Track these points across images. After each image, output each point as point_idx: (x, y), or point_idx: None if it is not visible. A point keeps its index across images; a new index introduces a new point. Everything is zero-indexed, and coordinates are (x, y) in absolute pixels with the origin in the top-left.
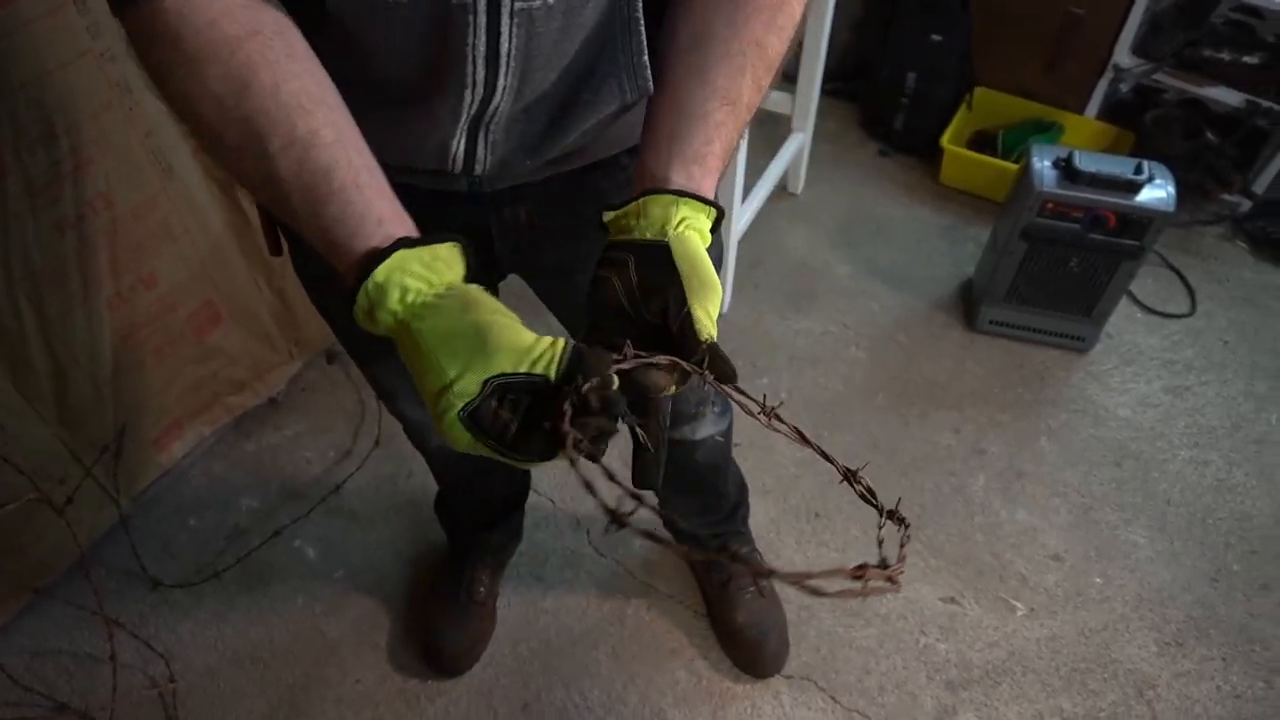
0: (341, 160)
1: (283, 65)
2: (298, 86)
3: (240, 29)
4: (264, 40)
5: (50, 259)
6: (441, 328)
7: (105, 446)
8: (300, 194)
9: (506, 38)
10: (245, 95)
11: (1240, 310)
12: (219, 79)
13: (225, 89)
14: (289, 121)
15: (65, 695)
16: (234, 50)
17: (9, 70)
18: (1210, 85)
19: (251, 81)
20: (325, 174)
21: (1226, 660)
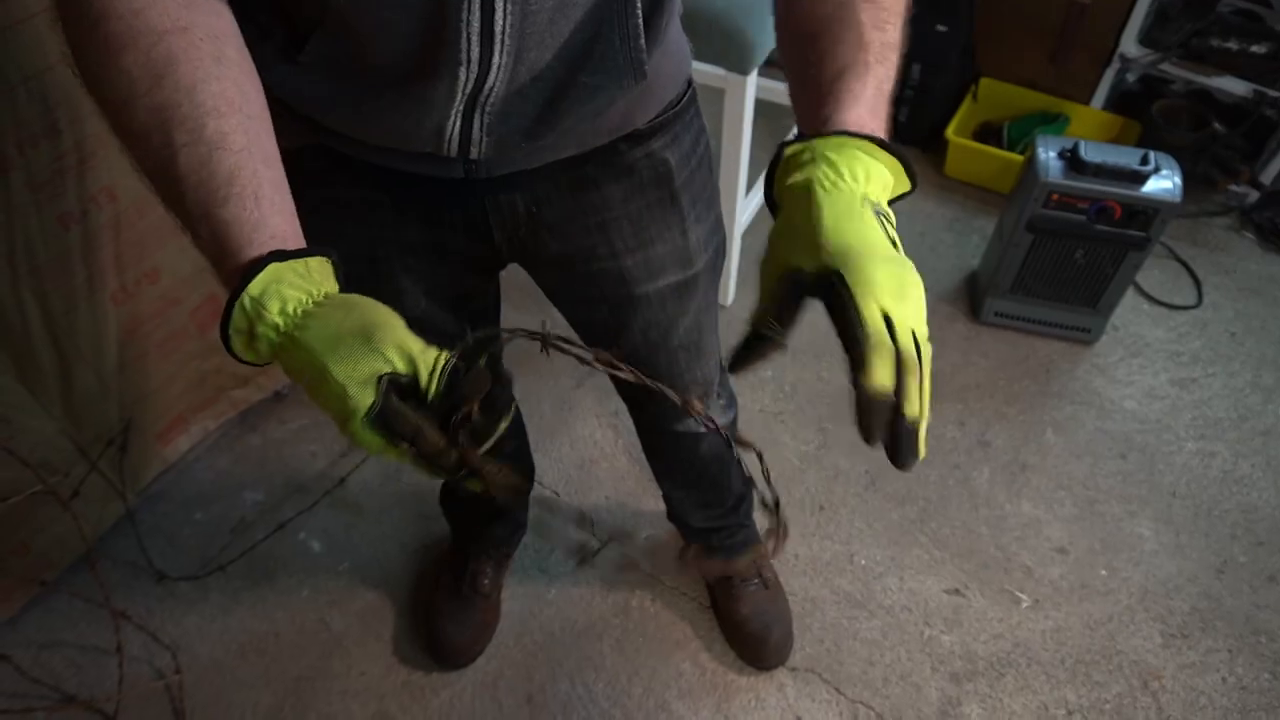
0: (246, 168)
1: (205, 66)
2: (217, 89)
3: (168, 23)
4: (190, 38)
5: (54, 253)
6: (327, 331)
7: (110, 440)
8: (195, 193)
9: (501, 14)
10: (159, 86)
11: (1247, 302)
12: (136, 65)
13: (140, 75)
14: (199, 119)
15: (72, 687)
16: (156, 42)
17: (11, 64)
18: (1218, 75)
19: (168, 74)
20: (226, 178)
21: (1232, 652)
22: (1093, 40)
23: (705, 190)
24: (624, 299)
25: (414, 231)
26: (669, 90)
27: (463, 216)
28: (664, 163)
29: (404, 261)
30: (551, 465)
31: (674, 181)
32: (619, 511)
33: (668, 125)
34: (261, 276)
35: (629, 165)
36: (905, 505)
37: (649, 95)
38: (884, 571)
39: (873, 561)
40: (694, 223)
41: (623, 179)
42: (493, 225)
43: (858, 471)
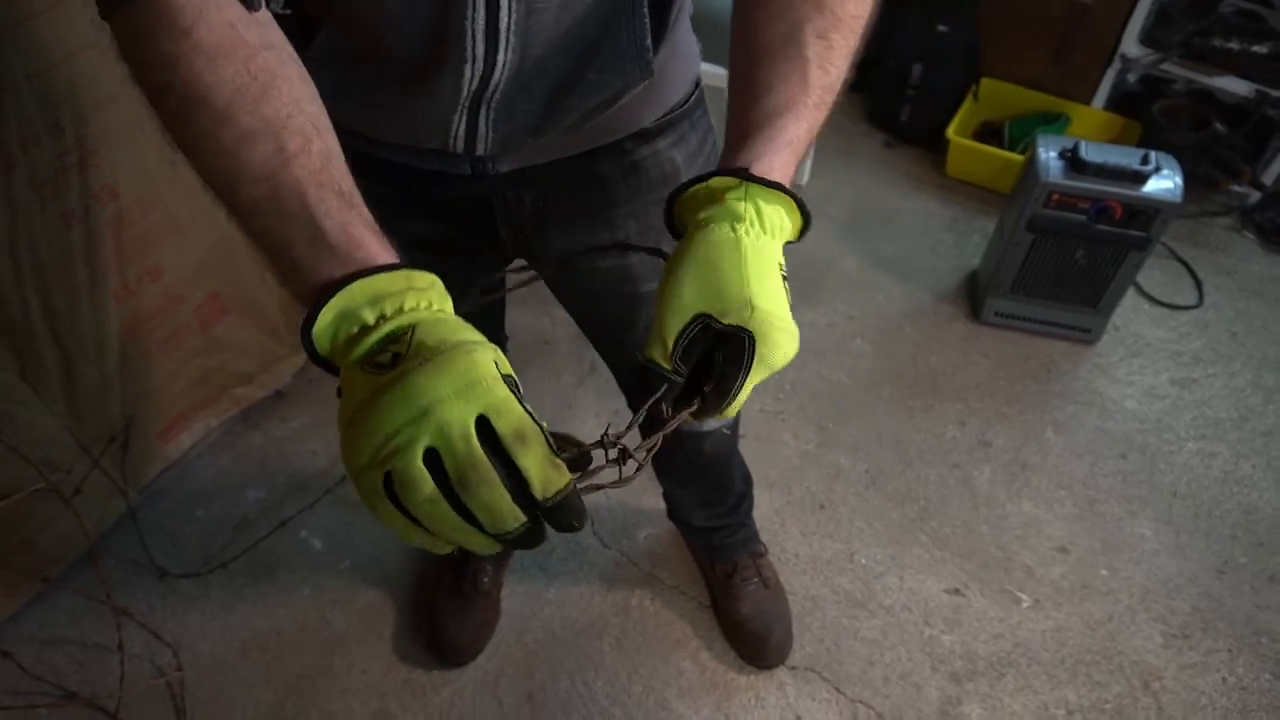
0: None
1: (297, 86)
2: (315, 109)
3: (258, 40)
4: (279, 57)
5: (57, 250)
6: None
7: (113, 437)
8: (319, 193)
9: (506, 12)
10: (266, 97)
11: (1249, 302)
12: (239, 75)
13: (245, 85)
14: (307, 133)
15: (74, 684)
16: (253, 55)
17: (15, 62)
18: (1219, 75)
19: (272, 87)
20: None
21: (1233, 652)
22: (1094, 40)
23: None
24: (629, 296)
25: (420, 226)
26: (677, 90)
27: (469, 212)
28: (671, 161)
29: (409, 255)
30: None
31: (680, 181)
32: (619, 510)
33: (675, 124)
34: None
35: (636, 163)
36: (906, 504)
37: (657, 94)
38: (884, 571)
39: (873, 561)
40: None
41: (629, 177)
42: (499, 221)
43: (858, 470)
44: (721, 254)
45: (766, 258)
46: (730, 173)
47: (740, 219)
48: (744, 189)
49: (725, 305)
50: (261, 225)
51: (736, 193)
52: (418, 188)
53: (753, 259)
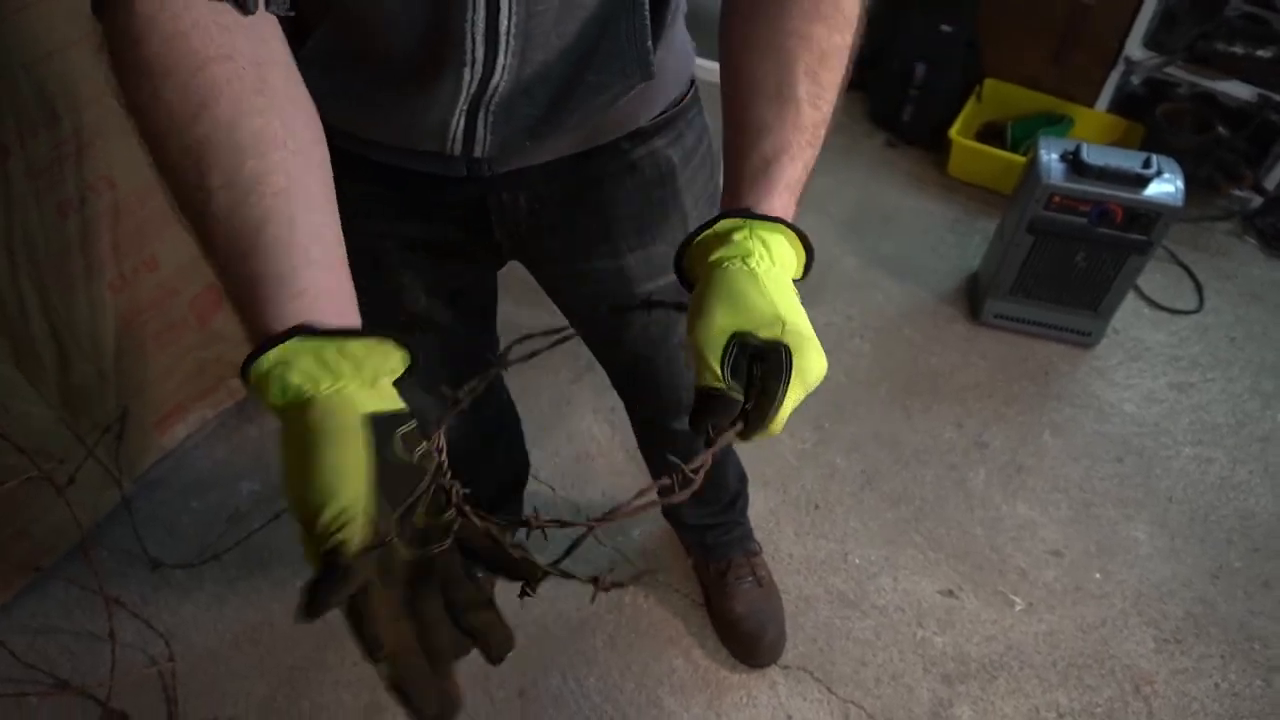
0: (281, 214)
1: (247, 99)
2: (259, 124)
3: (212, 49)
4: (234, 67)
5: (53, 241)
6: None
7: (107, 427)
8: (226, 239)
9: (505, 15)
10: (197, 120)
11: (1249, 307)
12: (175, 95)
13: (179, 107)
14: (236, 160)
15: (66, 673)
16: (198, 69)
17: (11, 52)
18: (1223, 79)
19: (209, 106)
20: (257, 226)
21: (1225, 658)
22: (1097, 42)
23: (708, 189)
24: (625, 298)
25: (415, 227)
26: (673, 88)
27: (464, 213)
28: (667, 161)
29: (404, 257)
30: (548, 460)
31: (677, 180)
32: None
33: (671, 123)
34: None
35: (632, 163)
36: (900, 505)
37: (653, 93)
38: (878, 571)
39: (867, 561)
40: (696, 220)
41: (625, 177)
42: (494, 222)
43: (854, 470)
44: (742, 284)
45: (783, 284)
46: (734, 214)
47: (750, 254)
48: (749, 227)
49: (757, 322)
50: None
51: (743, 232)
52: (413, 190)
53: (771, 285)
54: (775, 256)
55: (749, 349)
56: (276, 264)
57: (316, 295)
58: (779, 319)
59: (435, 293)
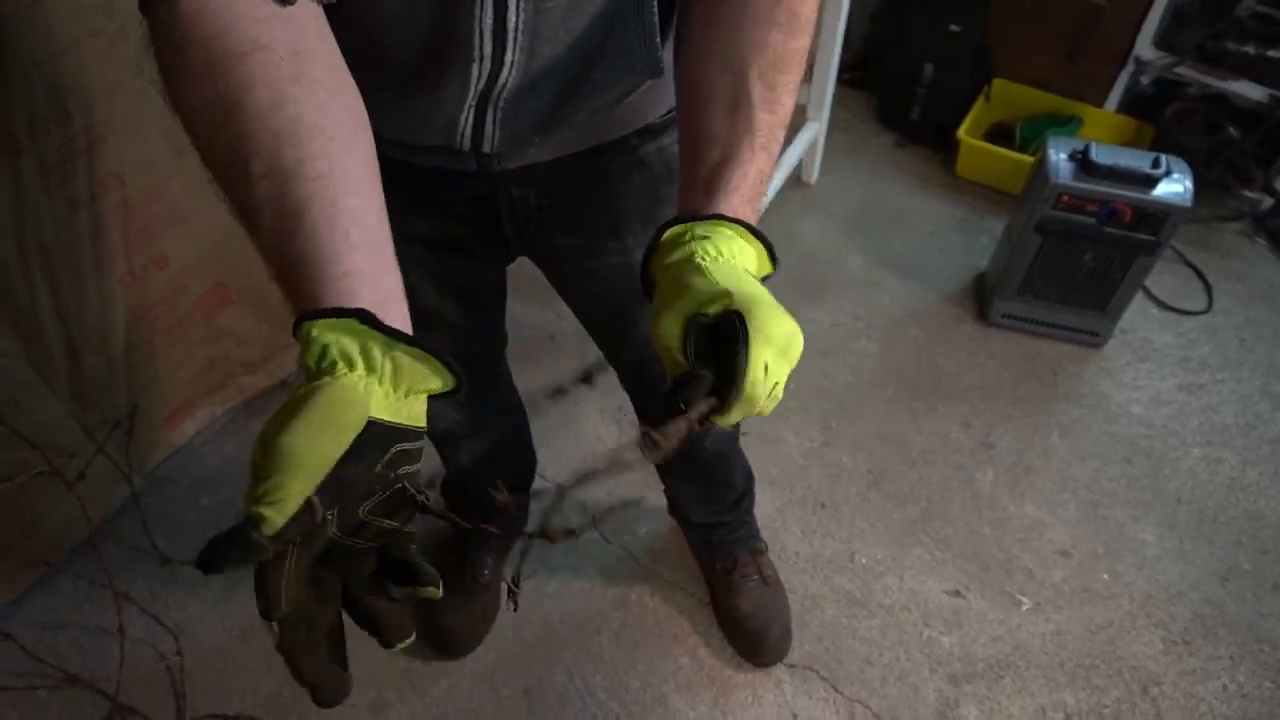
0: (324, 197)
1: (284, 89)
2: (295, 112)
3: (247, 44)
4: (270, 58)
5: (64, 237)
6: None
7: (117, 423)
8: (271, 224)
9: (513, 11)
10: (235, 114)
11: (1258, 308)
12: (213, 93)
13: (217, 103)
14: (274, 148)
15: (75, 667)
16: (234, 65)
17: (23, 49)
18: (1234, 79)
19: (245, 100)
20: (300, 209)
21: (1234, 659)
22: (1107, 42)
23: None
24: (633, 294)
25: (424, 224)
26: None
27: (473, 209)
28: (675, 157)
29: (412, 253)
30: (554, 458)
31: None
32: (620, 506)
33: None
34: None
35: (641, 159)
36: (907, 505)
37: (662, 90)
38: (884, 571)
39: (873, 560)
40: None
41: (634, 173)
42: (503, 217)
43: (860, 470)
44: (687, 276)
45: (732, 269)
46: (677, 221)
47: (694, 253)
48: (689, 230)
49: (703, 301)
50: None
51: (684, 235)
52: (423, 186)
53: (715, 270)
54: (722, 249)
55: (703, 328)
56: (320, 245)
57: (361, 277)
58: (724, 292)
59: (444, 289)
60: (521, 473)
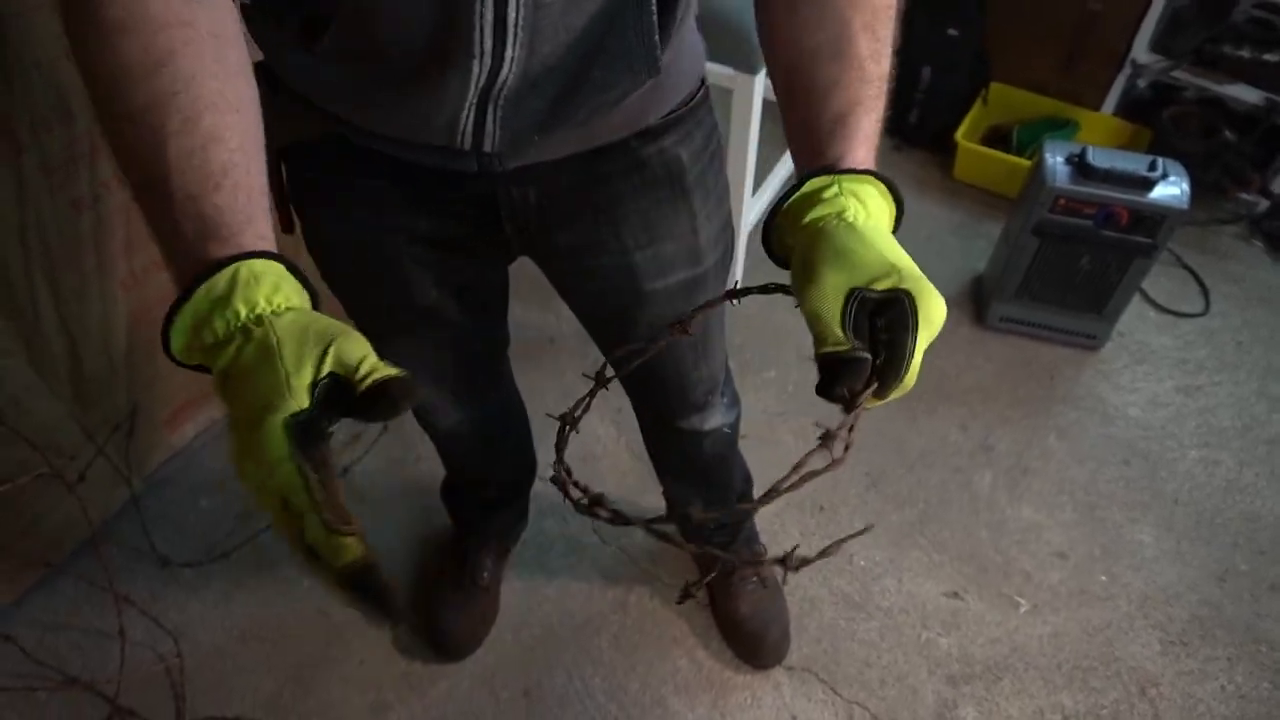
0: (240, 166)
1: (206, 64)
2: (216, 86)
3: (170, 16)
4: (194, 33)
5: (66, 237)
6: (300, 321)
7: (118, 424)
8: (182, 178)
9: (513, 7)
10: (157, 73)
11: (1255, 310)
12: (135, 51)
13: (139, 60)
14: (195, 109)
15: (75, 669)
16: (159, 30)
17: (26, 50)
18: (1230, 83)
19: (168, 63)
20: (221, 169)
21: (1232, 660)
22: (1104, 46)
23: (716, 188)
24: (632, 294)
25: (425, 223)
26: (683, 88)
27: (474, 209)
28: (676, 159)
29: (413, 252)
30: (553, 460)
31: (686, 178)
32: (622, 507)
33: (681, 122)
34: (263, 264)
35: (641, 161)
36: (905, 507)
37: (663, 92)
38: (883, 573)
39: (872, 563)
40: (705, 220)
41: (634, 174)
42: (504, 218)
43: (859, 473)
44: (845, 240)
45: (885, 233)
46: (820, 172)
47: (845, 209)
48: (837, 183)
49: (871, 275)
50: (144, 208)
51: (832, 189)
52: (423, 185)
53: (873, 235)
54: (870, 208)
55: (869, 304)
56: (242, 204)
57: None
58: (893, 267)
59: (444, 288)
60: (522, 473)
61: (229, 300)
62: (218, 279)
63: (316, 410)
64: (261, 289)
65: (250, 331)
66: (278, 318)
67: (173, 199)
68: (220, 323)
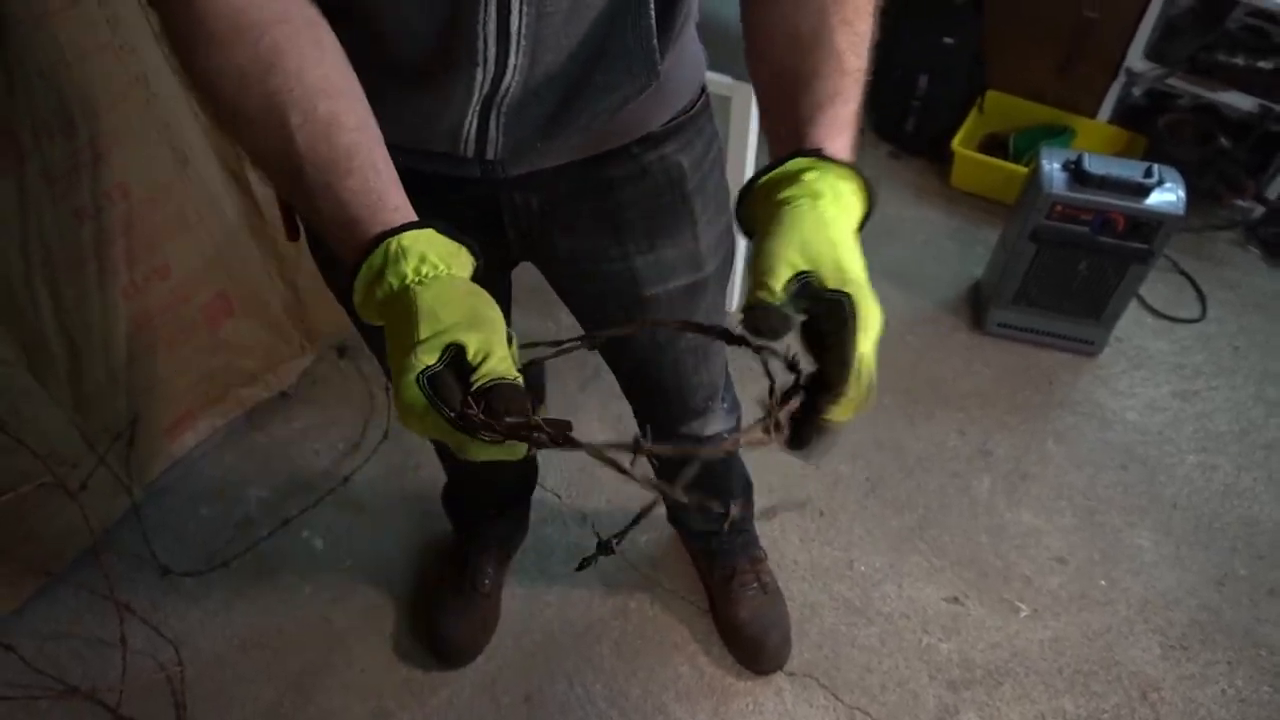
0: (363, 145)
1: (308, 53)
2: (322, 74)
3: (268, 15)
4: (292, 28)
5: (68, 247)
6: (441, 296)
7: (119, 434)
8: (315, 169)
9: (516, 15)
10: (269, 74)
11: (1251, 316)
12: (246, 58)
13: (250, 68)
14: (311, 101)
15: (76, 679)
16: (261, 34)
17: (29, 60)
18: (1224, 90)
19: (276, 63)
20: (346, 153)
21: (1232, 664)
22: (1100, 54)
23: (717, 195)
24: (633, 299)
25: None
26: (683, 95)
27: (476, 216)
28: (677, 166)
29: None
30: (554, 468)
31: (686, 185)
32: (620, 515)
33: (682, 129)
34: (415, 233)
35: (643, 168)
36: (905, 513)
37: (664, 99)
38: (883, 578)
39: (872, 568)
40: (705, 226)
41: (636, 181)
42: (506, 224)
43: (858, 478)
44: (812, 227)
45: (848, 233)
46: (806, 153)
47: (822, 195)
48: (820, 169)
49: (825, 270)
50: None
51: (813, 173)
52: (427, 193)
53: (837, 234)
54: (843, 204)
55: (812, 292)
56: (373, 184)
57: (405, 211)
58: (845, 271)
59: None
60: (522, 481)
61: (383, 275)
62: (374, 258)
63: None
64: (410, 260)
65: (400, 298)
66: (423, 287)
67: (313, 192)
68: (380, 291)
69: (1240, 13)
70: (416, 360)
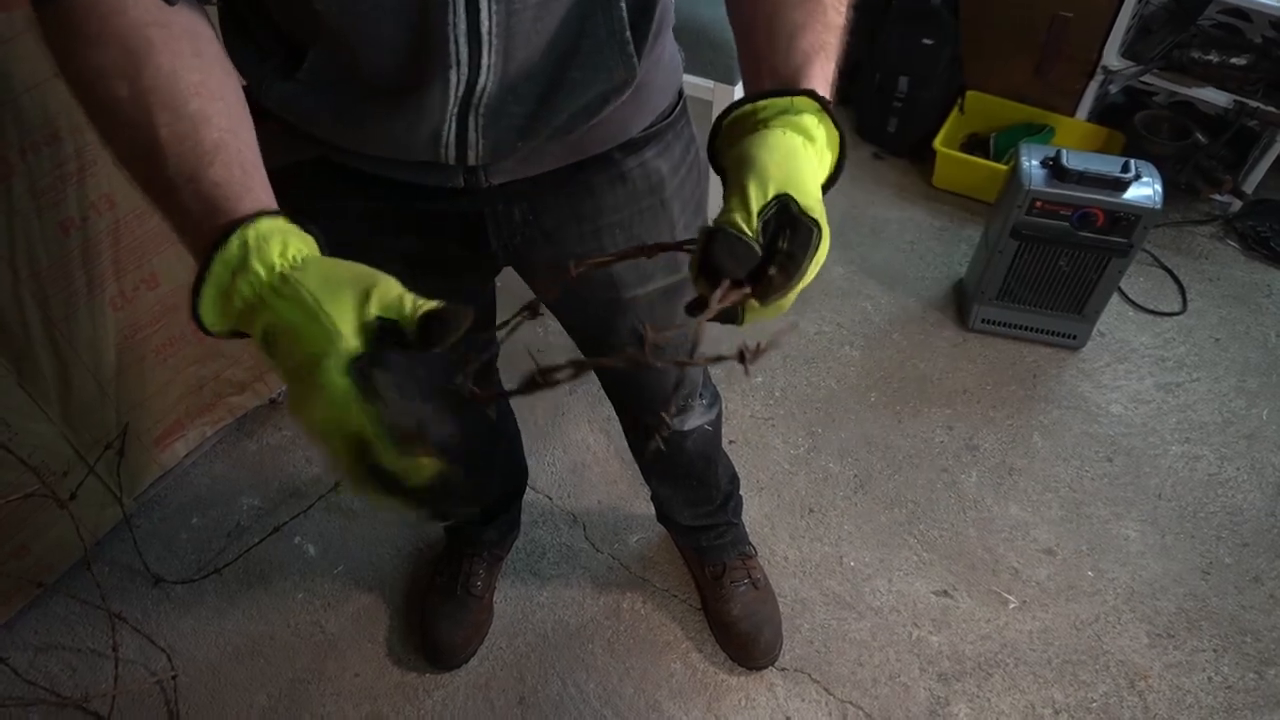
0: (231, 144)
1: (184, 59)
2: (197, 79)
3: (147, 18)
4: (169, 32)
5: (55, 258)
6: (325, 272)
7: (108, 444)
8: (179, 161)
9: (486, 14)
10: (141, 72)
11: (1231, 308)
12: (119, 54)
13: (122, 62)
14: (181, 99)
15: (68, 689)
16: (134, 31)
17: (14, 72)
18: (1199, 86)
19: (148, 60)
20: (212, 147)
21: (1218, 651)
22: (1076, 53)
23: (695, 198)
24: (613, 302)
25: (413, 243)
26: (661, 100)
27: (461, 225)
28: (656, 171)
29: (396, 270)
30: (544, 469)
31: (665, 190)
32: (610, 515)
33: (660, 135)
34: (267, 222)
35: (623, 174)
36: (894, 508)
37: (642, 104)
38: (873, 573)
39: (861, 563)
40: (684, 229)
41: (617, 186)
42: (490, 233)
43: (847, 475)
44: (801, 153)
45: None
46: (801, 92)
47: (809, 130)
48: (808, 109)
49: (804, 193)
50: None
51: (803, 114)
52: (411, 204)
53: (811, 167)
54: (818, 146)
55: (787, 214)
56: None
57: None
58: (814, 197)
59: None
60: (514, 482)
61: (246, 263)
62: (229, 246)
63: (372, 349)
64: (273, 246)
65: (280, 291)
66: (301, 272)
67: (174, 185)
68: (245, 286)
69: (1213, 10)
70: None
